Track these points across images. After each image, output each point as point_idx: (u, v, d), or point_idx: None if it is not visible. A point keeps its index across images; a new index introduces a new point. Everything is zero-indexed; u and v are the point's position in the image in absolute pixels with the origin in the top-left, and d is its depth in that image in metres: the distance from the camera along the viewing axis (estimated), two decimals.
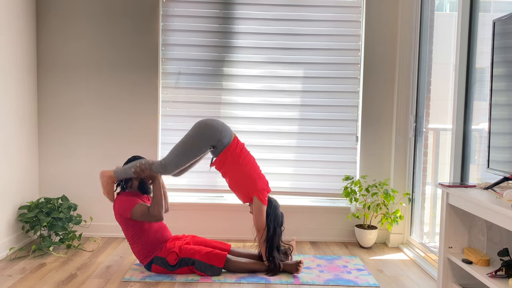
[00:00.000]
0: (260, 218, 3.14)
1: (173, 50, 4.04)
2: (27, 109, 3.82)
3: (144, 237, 3.16)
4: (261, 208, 3.15)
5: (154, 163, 3.13)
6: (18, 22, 3.66)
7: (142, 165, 3.10)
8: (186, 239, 3.33)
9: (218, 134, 3.10)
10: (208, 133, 3.09)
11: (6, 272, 3.15)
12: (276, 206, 3.23)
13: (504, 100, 2.44)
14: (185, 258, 3.13)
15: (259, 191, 3.16)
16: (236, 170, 3.15)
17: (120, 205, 3.14)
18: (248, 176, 3.16)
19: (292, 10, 4.04)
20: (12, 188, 3.60)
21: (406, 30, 3.89)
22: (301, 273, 3.19)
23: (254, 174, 3.18)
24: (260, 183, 3.18)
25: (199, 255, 3.13)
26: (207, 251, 3.15)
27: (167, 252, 3.15)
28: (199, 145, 3.10)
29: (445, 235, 2.66)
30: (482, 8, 2.98)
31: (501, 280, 2.22)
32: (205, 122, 3.16)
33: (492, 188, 2.46)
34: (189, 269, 3.14)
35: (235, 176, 3.17)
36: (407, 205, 3.92)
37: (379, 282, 3.13)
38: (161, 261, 3.14)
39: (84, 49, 3.98)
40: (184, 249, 3.17)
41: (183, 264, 3.13)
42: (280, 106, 4.09)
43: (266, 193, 3.21)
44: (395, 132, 3.98)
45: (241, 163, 3.14)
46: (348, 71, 4.08)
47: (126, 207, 3.12)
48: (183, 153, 3.10)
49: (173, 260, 3.12)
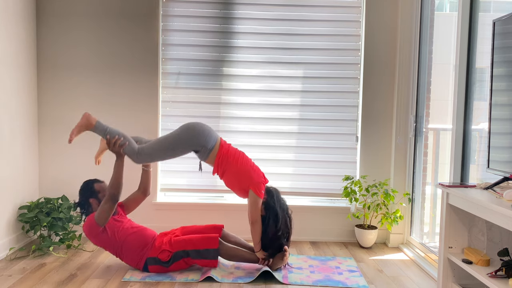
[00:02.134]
0: (254, 211, 3.13)
1: (173, 50, 4.04)
2: (27, 109, 3.82)
3: (126, 244, 3.14)
4: (256, 201, 3.14)
5: (130, 145, 3.09)
6: (18, 22, 3.66)
7: (118, 140, 3.06)
8: (175, 232, 3.31)
9: (202, 139, 3.10)
10: (192, 138, 3.10)
11: (6, 272, 3.15)
12: (278, 196, 3.21)
13: (504, 100, 2.44)
14: (178, 251, 3.12)
15: (255, 184, 3.14)
16: (230, 169, 3.15)
17: (87, 225, 3.16)
18: (242, 171, 3.15)
19: (292, 10, 4.04)
20: (12, 188, 3.60)
21: (406, 30, 3.89)
22: (291, 273, 3.20)
23: (247, 167, 3.17)
24: (254, 175, 3.17)
25: (191, 245, 3.11)
26: (198, 238, 3.13)
27: (158, 250, 3.14)
28: (181, 147, 3.11)
29: (445, 235, 2.66)
30: (482, 8, 2.98)
31: (501, 280, 2.21)
32: (192, 126, 3.15)
33: (492, 188, 2.46)
34: (185, 261, 3.13)
35: (229, 174, 3.17)
36: (407, 205, 3.92)
37: (379, 282, 3.13)
38: (154, 260, 3.13)
39: (84, 49, 3.98)
40: (175, 242, 3.15)
41: (178, 258, 3.12)
42: (280, 106, 4.09)
43: (262, 186, 3.18)
44: (395, 132, 3.98)
45: (231, 162, 3.14)
46: (348, 71, 4.08)
47: (90, 222, 3.13)
48: (162, 150, 3.10)
49: (165, 257, 3.11)
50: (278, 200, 3.20)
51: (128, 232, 3.18)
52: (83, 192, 3.32)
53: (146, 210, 4.01)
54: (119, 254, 3.19)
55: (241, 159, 3.19)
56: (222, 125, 4.09)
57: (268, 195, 3.20)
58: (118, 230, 3.17)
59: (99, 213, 3.11)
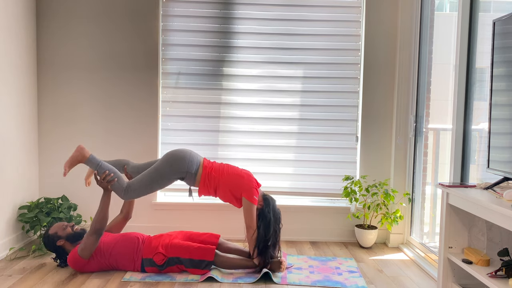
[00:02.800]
0: (250, 218, 3.14)
1: (173, 50, 4.04)
2: (27, 109, 3.82)
3: (116, 254, 3.13)
4: (251, 208, 3.15)
5: (118, 182, 3.09)
6: (18, 22, 3.66)
7: (108, 176, 3.06)
8: (172, 235, 3.30)
9: (185, 165, 3.11)
10: (176, 165, 3.10)
11: (6, 272, 3.15)
12: (273, 205, 3.22)
13: (504, 100, 2.44)
14: (173, 257, 3.12)
15: (246, 190, 3.15)
16: (218, 183, 3.16)
17: (71, 261, 3.11)
18: (230, 180, 3.16)
19: (292, 10, 4.04)
20: (12, 188, 3.60)
21: (406, 30, 3.88)
22: (290, 273, 3.20)
23: (234, 175, 3.18)
24: (244, 181, 3.17)
25: (187, 253, 3.11)
26: (194, 248, 3.13)
27: (153, 251, 3.14)
28: (166, 177, 3.12)
29: (445, 235, 2.66)
30: (482, 8, 2.98)
31: (501, 280, 2.21)
32: (172, 154, 3.15)
33: (492, 188, 2.46)
34: (178, 267, 3.13)
35: (220, 188, 3.18)
36: (407, 205, 3.92)
37: (379, 282, 3.13)
38: (149, 262, 3.13)
39: (84, 49, 3.98)
40: (171, 247, 3.14)
41: (172, 263, 3.12)
42: (280, 106, 4.09)
43: (255, 191, 3.18)
44: (395, 132, 3.98)
45: (216, 176, 3.16)
46: (348, 71, 4.08)
47: (74, 257, 3.08)
48: (149, 185, 3.11)
49: (160, 261, 3.11)
50: (273, 210, 3.20)
51: (112, 243, 3.17)
52: (49, 246, 3.23)
53: (146, 210, 4.02)
54: (113, 266, 3.17)
55: (226, 169, 3.21)
56: (222, 125, 4.09)
57: (264, 203, 3.21)
58: (100, 247, 3.14)
59: (83, 247, 3.06)
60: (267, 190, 4.08)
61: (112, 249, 3.15)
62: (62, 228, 3.21)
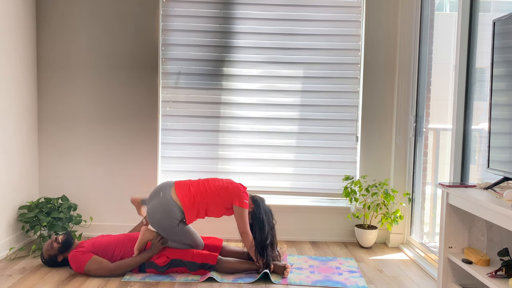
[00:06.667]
0: (243, 223, 3.16)
1: (173, 50, 4.04)
2: (27, 109, 3.82)
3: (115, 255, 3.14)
4: (242, 213, 3.16)
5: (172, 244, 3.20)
6: (18, 22, 3.66)
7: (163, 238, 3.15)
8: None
9: (168, 220, 3.08)
10: (164, 223, 3.09)
11: (6, 272, 3.15)
12: (263, 205, 3.25)
13: (504, 100, 2.44)
14: (175, 259, 3.13)
15: (236, 198, 3.16)
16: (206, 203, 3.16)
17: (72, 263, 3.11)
18: (220, 199, 3.16)
19: (292, 10, 4.04)
20: (12, 188, 3.60)
21: (406, 30, 3.88)
22: (291, 273, 3.20)
23: (221, 192, 3.17)
24: (232, 191, 3.18)
25: (190, 257, 3.13)
26: (197, 253, 3.16)
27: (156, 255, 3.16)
28: (171, 233, 3.12)
29: (445, 235, 2.66)
30: (482, 8, 2.98)
31: (501, 280, 2.21)
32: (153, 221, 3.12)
33: (492, 188, 2.46)
34: (180, 269, 3.15)
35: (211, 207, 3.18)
36: (407, 205, 3.92)
37: (379, 282, 3.13)
38: (151, 264, 3.14)
39: (84, 49, 3.98)
40: (174, 249, 3.17)
41: (174, 265, 3.13)
42: (280, 106, 4.09)
43: (244, 195, 3.19)
44: (395, 132, 3.98)
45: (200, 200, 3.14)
46: (348, 71, 4.08)
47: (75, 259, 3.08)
48: (179, 239, 3.15)
49: (162, 262, 3.12)
50: (264, 209, 3.24)
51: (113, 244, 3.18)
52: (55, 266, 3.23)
53: None
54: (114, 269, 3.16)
55: (208, 188, 3.19)
56: (222, 125, 4.09)
57: (254, 205, 3.24)
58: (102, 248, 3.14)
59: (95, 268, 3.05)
60: (267, 190, 4.10)
61: (114, 250, 3.16)
62: (50, 247, 3.19)
